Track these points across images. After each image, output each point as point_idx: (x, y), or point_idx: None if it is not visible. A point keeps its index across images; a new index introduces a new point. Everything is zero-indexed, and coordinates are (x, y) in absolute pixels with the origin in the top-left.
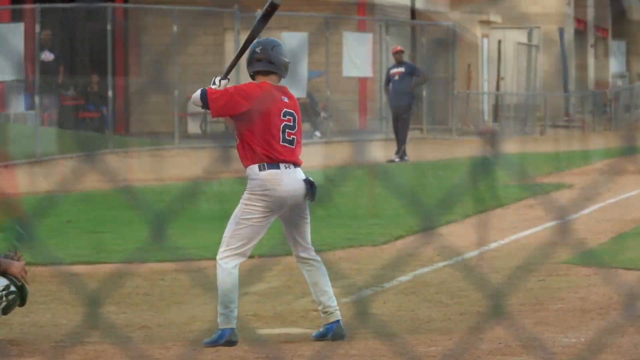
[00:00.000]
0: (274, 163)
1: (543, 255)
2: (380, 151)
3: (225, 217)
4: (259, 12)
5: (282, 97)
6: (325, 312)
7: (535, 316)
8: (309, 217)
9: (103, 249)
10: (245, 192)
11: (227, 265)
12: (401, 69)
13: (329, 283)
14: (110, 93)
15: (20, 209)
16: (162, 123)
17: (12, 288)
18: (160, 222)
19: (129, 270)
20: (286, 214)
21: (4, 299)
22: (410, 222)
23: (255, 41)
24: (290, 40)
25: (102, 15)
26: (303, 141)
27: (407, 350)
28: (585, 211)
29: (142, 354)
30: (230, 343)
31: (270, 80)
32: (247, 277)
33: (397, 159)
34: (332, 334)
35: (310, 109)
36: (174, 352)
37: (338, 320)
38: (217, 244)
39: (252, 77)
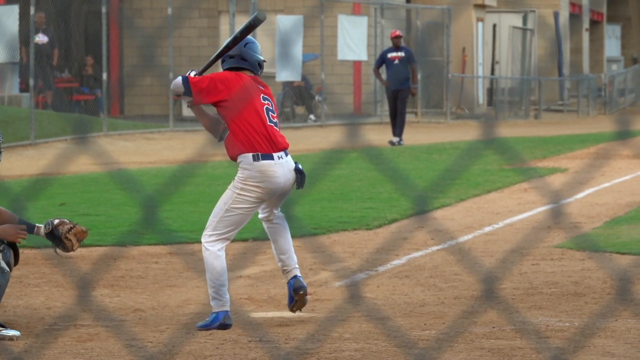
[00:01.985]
0: (267, 153)
1: (537, 239)
2: (375, 134)
3: (218, 199)
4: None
5: (258, 85)
6: (284, 270)
7: (529, 300)
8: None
9: (96, 231)
10: (237, 180)
11: (214, 248)
12: (401, 54)
13: (290, 241)
14: (104, 76)
15: None
16: (156, 106)
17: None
18: (153, 205)
19: (122, 253)
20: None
21: None
22: (405, 205)
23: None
24: (285, 23)
25: None
26: (298, 125)
27: (401, 334)
28: (580, 195)
29: (136, 337)
30: (225, 326)
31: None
32: (240, 260)
33: (397, 142)
34: (292, 289)
35: (305, 92)
36: (167, 335)
37: (296, 275)
38: None
39: None
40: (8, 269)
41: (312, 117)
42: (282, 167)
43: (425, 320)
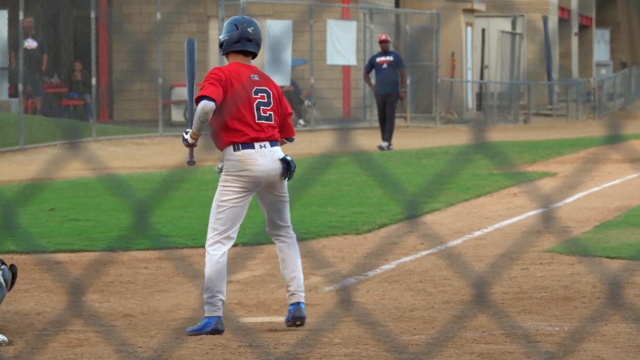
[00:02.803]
0: (248, 142)
1: (527, 244)
2: (364, 139)
3: (208, 205)
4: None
5: (251, 75)
6: (288, 292)
7: (519, 305)
8: (286, 195)
9: (86, 236)
10: (222, 174)
11: (216, 253)
12: (389, 58)
13: (299, 262)
14: (93, 81)
15: None
16: (145, 111)
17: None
18: (143, 210)
19: (112, 258)
20: (263, 193)
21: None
22: (394, 210)
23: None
24: (275, 28)
25: (86, 3)
26: None
27: (391, 339)
28: (569, 200)
29: (125, 342)
30: (216, 332)
31: (239, 59)
32: (230, 265)
33: (386, 146)
34: (290, 315)
35: (294, 97)
36: (157, 340)
37: (299, 303)
38: (201, 232)
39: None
40: (4, 285)
41: (301, 121)
42: (263, 155)
43: (415, 324)
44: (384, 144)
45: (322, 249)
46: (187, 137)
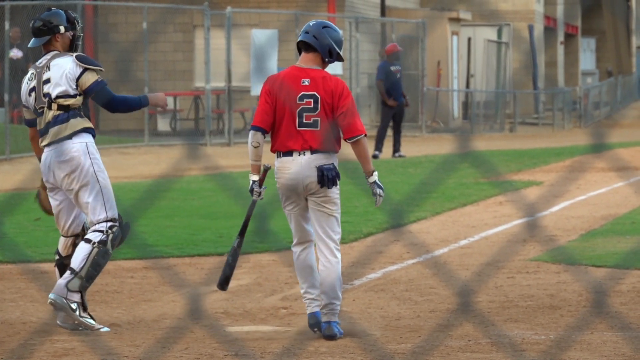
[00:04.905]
0: (287, 151)
1: (512, 253)
2: (350, 149)
3: (194, 214)
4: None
5: (302, 79)
6: (322, 305)
7: (505, 313)
8: (329, 208)
9: None
10: None
11: (296, 251)
12: (399, 67)
13: (338, 286)
14: None
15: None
16: (131, 120)
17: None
18: (129, 219)
19: None
20: (309, 203)
21: (110, 231)
22: (380, 219)
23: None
24: (260, 37)
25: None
26: None
27: (377, 348)
28: (555, 208)
29: (111, 352)
30: (312, 326)
31: (308, 58)
32: (216, 274)
33: (403, 153)
34: (324, 334)
35: None
36: (143, 349)
37: (330, 322)
38: (187, 241)
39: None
40: (110, 251)
41: None
42: (299, 163)
43: (401, 333)
44: (402, 152)
45: None
46: (251, 181)
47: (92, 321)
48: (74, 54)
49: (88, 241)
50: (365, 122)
